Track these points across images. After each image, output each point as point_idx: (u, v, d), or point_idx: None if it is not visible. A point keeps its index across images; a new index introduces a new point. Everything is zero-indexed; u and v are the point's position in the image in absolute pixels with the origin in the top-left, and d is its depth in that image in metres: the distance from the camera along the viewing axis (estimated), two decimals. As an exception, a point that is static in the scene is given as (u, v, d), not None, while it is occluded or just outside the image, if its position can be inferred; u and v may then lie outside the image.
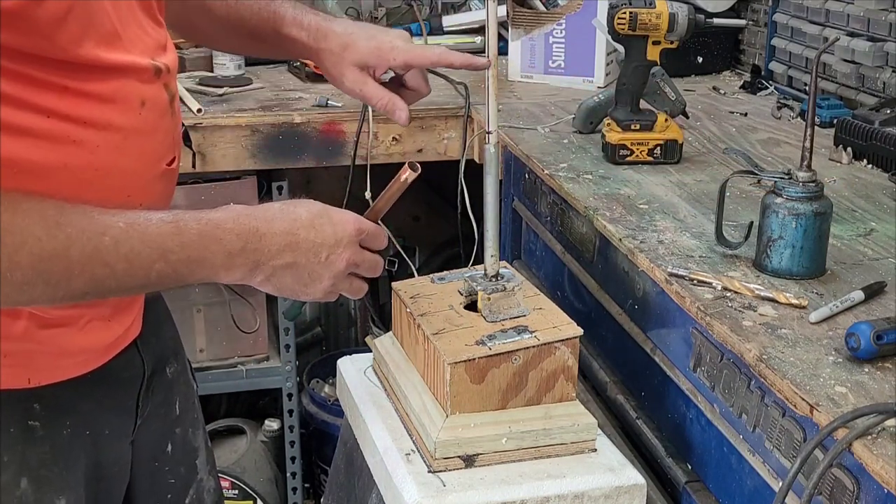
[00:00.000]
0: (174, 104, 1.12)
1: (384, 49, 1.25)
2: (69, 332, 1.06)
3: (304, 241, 1.04)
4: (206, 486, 1.37)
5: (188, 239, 0.97)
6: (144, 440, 1.23)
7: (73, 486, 1.11)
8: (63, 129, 0.97)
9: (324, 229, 1.05)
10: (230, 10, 1.31)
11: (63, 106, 0.97)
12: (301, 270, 1.04)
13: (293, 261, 1.04)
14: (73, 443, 1.10)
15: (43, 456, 1.08)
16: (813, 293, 1.21)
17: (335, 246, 1.06)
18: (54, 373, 1.07)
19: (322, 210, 1.07)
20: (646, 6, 1.64)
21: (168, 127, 1.10)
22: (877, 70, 1.94)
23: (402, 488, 1.16)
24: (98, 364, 1.12)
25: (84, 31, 0.96)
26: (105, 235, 0.93)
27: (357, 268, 1.08)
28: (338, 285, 1.08)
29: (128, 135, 1.03)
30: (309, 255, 1.04)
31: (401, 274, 2.83)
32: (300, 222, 1.04)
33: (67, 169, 0.98)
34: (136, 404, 1.20)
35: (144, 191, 1.07)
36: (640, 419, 1.40)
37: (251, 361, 2.41)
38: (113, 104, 1.01)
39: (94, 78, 0.99)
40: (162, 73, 1.08)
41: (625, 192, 1.58)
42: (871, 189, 1.61)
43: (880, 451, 0.90)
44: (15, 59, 0.92)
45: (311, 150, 2.11)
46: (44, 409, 1.07)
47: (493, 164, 1.22)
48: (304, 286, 1.06)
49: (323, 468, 2.68)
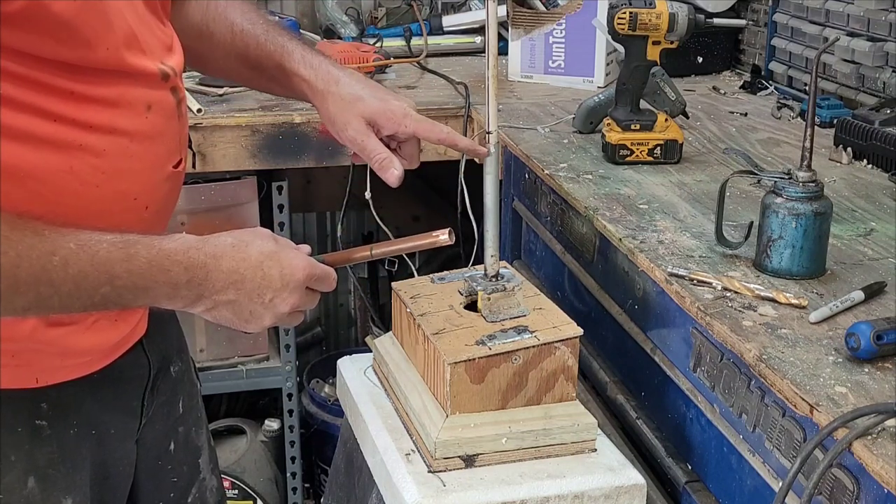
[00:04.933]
0: (181, 107, 1.12)
1: (397, 114, 1.26)
2: (76, 332, 1.07)
3: (250, 281, 1.04)
4: (208, 484, 1.37)
5: (136, 266, 0.97)
6: (149, 439, 1.23)
7: (80, 486, 1.11)
8: (69, 134, 0.97)
9: (271, 272, 1.05)
10: (235, 36, 1.30)
11: (69, 110, 0.97)
12: (242, 309, 1.05)
13: (235, 299, 1.04)
14: (79, 442, 1.11)
15: (50, 455, 1.08)
16: (813, 293, 1.21)
17: (281, 290, 1.05)
18: (61, 372, 1.08)
19: (273, 252, 1.06)
20: (646, 6, 1.64)
21: (174, 130, 1.10)
22: (877, 70, 1.94)
23: (402, 488, 1.16)
24: (104, 363, 1.12)
25: (98, 32, 0.96)
26: (55, 255, 0.92)
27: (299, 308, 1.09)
28: (279, 322, 1.09)
29: (134, 138, 1.03)
30: (252, 296, 1.04)
31: (401, 274, 2.84)
32: (248, 262, 1.04)
33: (73, 172, 0.99)
34: (142, 403, 1.20)
35: (151, 193, 1.08)
36: (640, 419, 1.40)
37: (251, 361, 2.41)
38: (118, 108, 1.01)
39: (100, 82, 0.99)
40: (170, 78, 1.08)
41: (625, 192, 1.58)
42: (871, 189, 1.61)
43: (880, 451, 0.90)
44: (21, 61, 0.92)
45: (311, 150, 2.11)
46: (51, 409, 1.07)
47: (493, 164, 1.22)
48: (245, 322, 1.06)
49: (323, 468, 2.68)
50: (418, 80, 2.40)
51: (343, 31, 2.65)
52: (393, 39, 2.58)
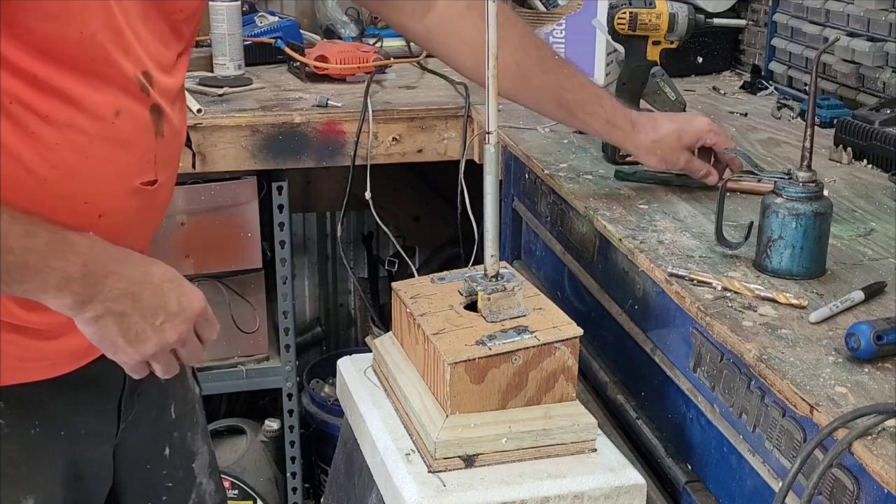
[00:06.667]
0: (163, 127, 1.08)
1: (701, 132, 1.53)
2: (41, 337, 1.05)
3: (148, 297, 1.01)
4: (206, 489, 1.37)
5: (34, 245, 0.93)
6: (133, 443, 1.23)
7: (44, 485, 1.10)
8: (22, 117, 0.94)
9: (169, 295, 1.03)
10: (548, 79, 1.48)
11: (27, 95, 0.94)
12: (131, 325, 1.01)
13: (128, 311, 1.00)
14: (44, 442, 1.09)
15: (10, 454, 1.07)
16: (813, 293, 1.21)
17: (174, 316, 1.03)
18: (21, 374, 1.06)
19: (175, 277, 1.04)
20: (646, 6, 1.64)
21: (149, 146, 1.06)
22: (877, 70, 1.94)
23: (402, 488, 1.16)
24: (70, 368, 1.11)
25: (71, 7, 0.93)
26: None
27: (182, 346, 1.06)
28: (157, 356, 1.05)
29: (94, 139, 1.00)
30: (146, 314, 1.01)
31: (401, 274, 2.84)
32: (151, 278, 1.02)
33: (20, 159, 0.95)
34: (119, 407, 1.19)
35: (107, 202, 1.04)
36: (640, 419, 1.40)
37: (251, 361, 2.41)
38: (82, 105, 0.98)
39: (68, 74, 0.96)
40: (149, 93, 1.04)
41: (625, 192, 1.58)
42: (871, 189, 1.61)
43: (880, 451, 0.90)
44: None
45: (311, 150, 2.11)
46: (9, 408, 1.06)
47: (493, 164, 1.22)
48: (126, 342, 1.02)
49: (323, 468, 2.69)
50: (418, 80, 2.40)
51: (343, 31, 2.65)
52: (393, 39, 2.58)
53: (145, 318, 1.01)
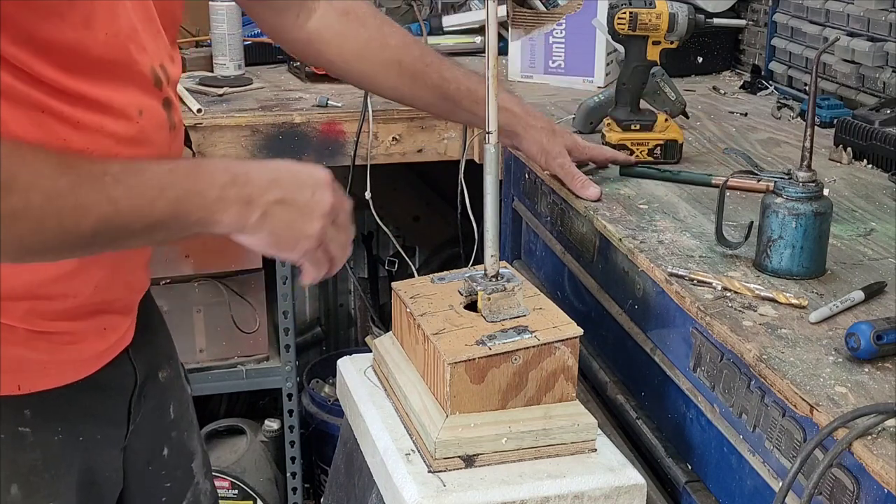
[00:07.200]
0: (173, 119, 1.10)
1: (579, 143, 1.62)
2: (60, 342, 1.06)
3: (287, 178, 1.01)
4: (202, 488, 1.37)
5: (181, 173, 0.95)
6: (138, 445, 1.23)
7: (64, 492, 1.10)
8: (53, 126, 0.96)
9: (301, 171, 1.03)
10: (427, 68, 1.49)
11: (58, 106, 0.95)
12: (293, 206, 1.01)
13: (283, 196, 1.00)
14: (64, 449, 1.10)
15: (34, 462, 1.07)
16: (813, 293, 1.21)
17: (316, 186, 1.03)
18: (44, 380, 1.06)
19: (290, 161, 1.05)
20: (646, 6, 1.64)
21: (164, 142, 1.08)
22: (877, 70, 1.94)
23: (402, 488, 1.16)
24: (89, 372, 1.11)
25: (98, 13, 0.94)
26: (106, 175, 0.91)
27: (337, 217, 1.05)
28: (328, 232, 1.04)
29: (120, 140, 1.01)
30: (295, 191, 1.01)
31: (401, 274, 2.84)
32: (278, 164, 1.03)
33: None
34: (128, 411, 1.20)
35: None
36: (640, 419, 1.40)
37: (251, 361, 2.41)
38: (109, 109, 1.00)
39: (94, 82, 0.98)
40: (162, 86, 1.07)
41: (625, 192, 1.58)
42: (871, 189, 1.61)
43: (880, 451, 0.90)
44: (18, 46, 0.90)
45: (311, 150, 2.11)
46: (35, 416, 1.06)
47: (493, 164, 1.22)
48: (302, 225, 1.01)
49: (323, 468, 2.69)
50: (418, 80, 2.39)
51: (343, 31, 2.65)
52: (393, 39, 2.58)
53: (298, 195, 1.01)
